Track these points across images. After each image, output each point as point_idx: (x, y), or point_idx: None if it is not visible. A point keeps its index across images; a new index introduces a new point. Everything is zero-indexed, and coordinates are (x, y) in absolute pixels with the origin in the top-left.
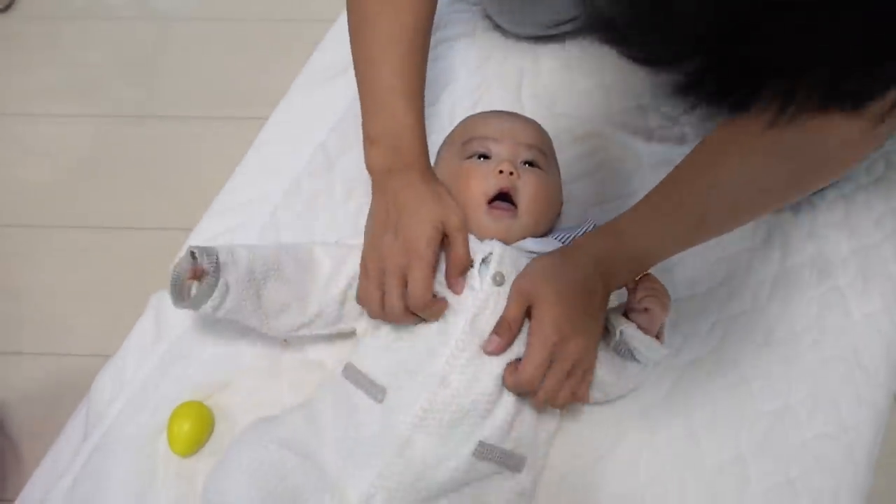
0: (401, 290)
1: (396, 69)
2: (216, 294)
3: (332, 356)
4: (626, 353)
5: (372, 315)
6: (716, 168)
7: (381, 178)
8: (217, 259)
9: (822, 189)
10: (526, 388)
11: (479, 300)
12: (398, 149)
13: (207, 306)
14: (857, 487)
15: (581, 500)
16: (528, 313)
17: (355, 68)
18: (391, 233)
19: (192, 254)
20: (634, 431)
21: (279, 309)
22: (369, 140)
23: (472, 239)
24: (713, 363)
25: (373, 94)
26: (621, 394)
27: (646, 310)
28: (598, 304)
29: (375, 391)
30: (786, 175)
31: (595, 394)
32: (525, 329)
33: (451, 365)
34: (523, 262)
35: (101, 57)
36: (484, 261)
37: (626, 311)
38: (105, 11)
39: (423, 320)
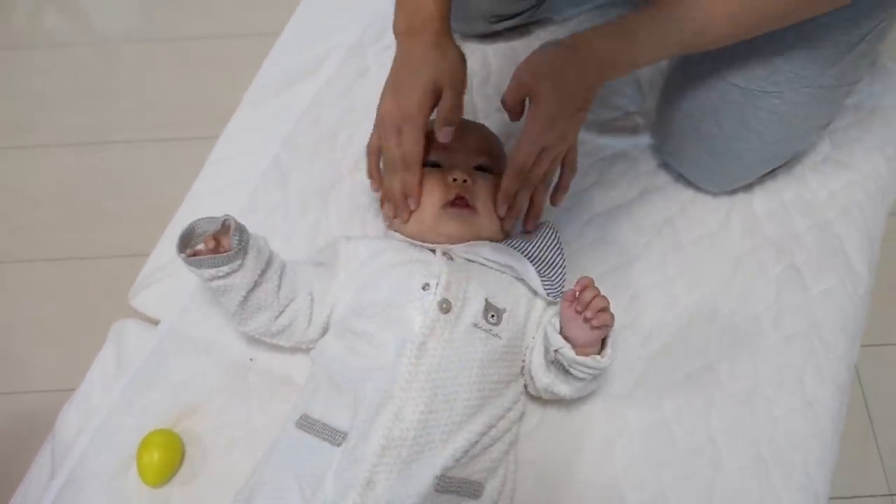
0: (398, 141)
1: None
2: (225, 269)
3: (299, 371)
4: (561, 368)
5: (381, 165)
6: None
7: (400, 39)
8: (247, 243)
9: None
10: (517, 169)
11: (426, 326)
12: (417, 9)
13: (208, 272)
14: (825, 459)
15: (559, 494)
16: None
17: None
18: (392, 92)
19: (228, 224)
20: (607, 423)
21: (255, 309)
22: (397, 3)
23: (421, 258)
24: (679, 350)
25: None
26: (575, 396)
27: (595, 328)
28: (591, 98)
29: (335, 436)
30: None
31: (544, 395)
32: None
33: (403, 399)
34: (473, 283)
35: (45, 85)
36: (431, 286)
37: (562, 325)
38: (46, 38)
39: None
